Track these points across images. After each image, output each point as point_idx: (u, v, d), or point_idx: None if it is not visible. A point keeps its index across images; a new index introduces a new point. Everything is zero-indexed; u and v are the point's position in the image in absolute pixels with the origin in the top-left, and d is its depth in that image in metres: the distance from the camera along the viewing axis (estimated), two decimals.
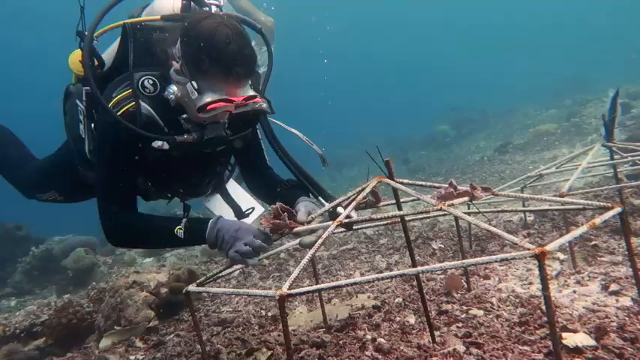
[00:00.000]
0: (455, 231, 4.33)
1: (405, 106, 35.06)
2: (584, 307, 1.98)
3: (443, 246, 3.86)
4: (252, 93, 1.85)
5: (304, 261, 1.58)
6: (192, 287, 1.87)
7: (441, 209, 1.70)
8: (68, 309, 3.53)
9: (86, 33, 1.98)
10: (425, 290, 2.85)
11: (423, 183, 2.02)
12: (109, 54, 2.16)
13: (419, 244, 4.11)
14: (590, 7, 39.23)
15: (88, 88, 2.02)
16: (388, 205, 2.32)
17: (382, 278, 1.44)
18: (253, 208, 2.53)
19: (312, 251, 1.62)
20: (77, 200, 2.65)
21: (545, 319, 1.89)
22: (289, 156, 2.04)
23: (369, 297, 2.97)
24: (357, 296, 3.07)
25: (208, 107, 1.76)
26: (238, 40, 1.76)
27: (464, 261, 1.33)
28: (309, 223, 1.90)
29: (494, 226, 1.60)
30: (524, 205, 3.91)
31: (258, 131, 2.15)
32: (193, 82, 1.76)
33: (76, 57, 2.17)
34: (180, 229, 1.79)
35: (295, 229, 1.85)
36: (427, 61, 45.37)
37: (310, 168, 2.11)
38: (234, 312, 3.40)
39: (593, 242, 2.93)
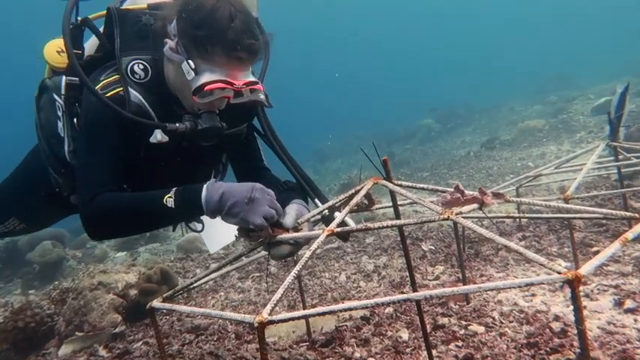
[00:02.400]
0: (445, 231, 4.15)
1: (389, 99, 34.94)
2: (598, 328, 1.78)
3: (434, 248, 3.66)
4: (253, 78, 1.64)
5: (289, 279, 1.34)
6: (156, 303, 1.61)
7: (448, 218, 1.47)
8: (26, 311, 3.21)
9: (63, 20, 1.71)
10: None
11: (425, 186, 1.79)
12: (90, 45, 1.93)
13: (408, 245, 3.90)
14: (573, 4, 39.60)
15: (70, 78, 1.78)
16: (383, 208, 2.09)
17: (382, 304, 1.20)
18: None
19: (298, 266, 1.37)
20: (41, 224, 2.32)
21: (558, 341, 1.69)
22: (287, 153, 1.81)
23: None
24: (342, 302, 2.84)
25: (205, 88, 1.53)
26: (243, 18, 1.56)
27: (480, 285, 1.10)
28: (297, 230, 1.66)
29: (484, 228, 1.39)
30: (519, 209, 3.73)
31: (262, 122, 1.86)
32: (190, 62, 1.54)
33: (52, 47, 1.95)
34: (170, 197, 1.49)
35: (279, 237, 1.60)
36: (412, 53, 45.26)
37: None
38: (210, 317, 3.14)
39: (595, 248, 2.76)
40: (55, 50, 1.94)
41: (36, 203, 2.16)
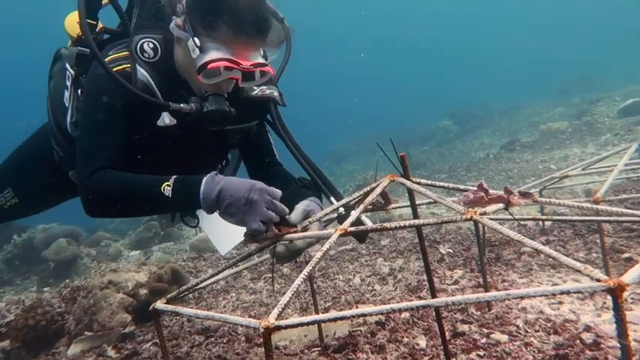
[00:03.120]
0: (464, 234, 4.01)
1: (406, 100, 34.66)
2: (635, 340, 1.64)
3: (452, 251, 3.53)
4: (262, 60, 1.55)
5: (298, 281, 1.24)
6: (160, 304, 1.53)
7: (471, 218, 1.35)
8: (37, 309, 3.18)
9: None
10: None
11: (445, 184, 1.67)
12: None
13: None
14: (594, 5, 38.70)
15: (81, 48, 1.76)
16: (399, 207, 1.99)
17: (400, 310, 1.10)
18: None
19: (308, 268, 1.27)
20: (35, 204, 2.27)
21: (590, 354, 1.56)
22: (300, 150, 1.71)
23: None
24: (357, 307, 2.74)
25: (209, 66, 1.47)
26: None
27: (509, 292, 0.98)
28: (306, 229, 1.56)
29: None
30: (542, 211, 3.57)
31: (275, 119, 1.77)
32: (195, 39, 1.48)
33: (73, 18, 1.92)
34: (168, 185, 1.42)
35: (287, 236, 1.51)
36: (429, 53, 44.86)
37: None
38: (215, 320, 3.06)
39: (626, 254, 2.60)
40: (75, 21, 1.89)
41: (36, 179, 2.12)
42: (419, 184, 1.66)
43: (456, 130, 14.24)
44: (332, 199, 1.69)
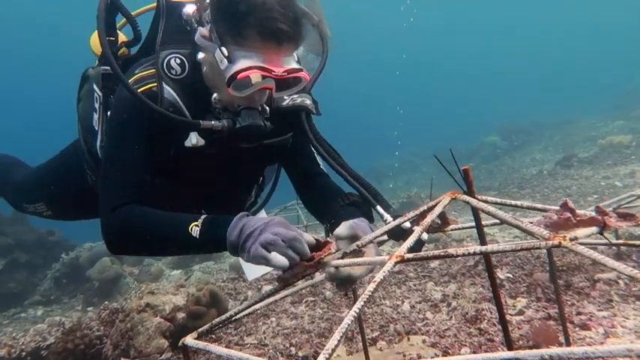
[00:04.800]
0: (524, 257, 3.65)
1: (447, 115, 33.94)
2: None
3: (512, 276, 3.20)
4: (296, 66, 1.40)
5: (347, 320, 1.03)
6: (190, 340, 1.36)
7: (559, 245, 1.09)
8: (76, 332, 3.12)
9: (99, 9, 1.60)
10: (499, 339, 2.23)
11: (519, 203, 1.43)
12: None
13: (480, 272, 3.46)
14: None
15: (107, 67, 1.66)
16: (459, 229, 1.75)
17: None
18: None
19: (359, 303, 1.06)
20: (68, 217, 2.22)
21: None
22: (340, 159, 1.51)
23: (424, 341, 2.37)
24: (408, 338, 2.48)
25: (239, 76, 1.33)
26: None
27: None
28: (359, 253, 1.36)
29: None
30: (616, 233, 3.18)
31: (307, 129, 1.58)
32: (223, 49, 1.35)
33: (96, 36, 1.83)
34: (196, 225, 1.28)
35: (333, 263, 1.30)
36: (472, 68, 43.96)
37: None
38: (260, 345, 2.88)
39: None
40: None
41: (68, 196, 2.06)
42: (486, 202, 1.42)
43: (504, 145, 13.63)
44: (379, 208, 1.47)
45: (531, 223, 1.28)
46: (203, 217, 1.30)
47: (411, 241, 1.23)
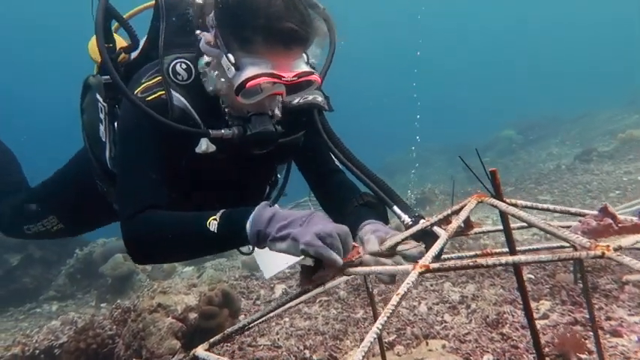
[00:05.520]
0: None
1: (461, 110, 33.50)
2: None
3: (533, 277, 3.09)
4: (307, 68, 1.34)
5: (369, 337, 0.95)
6: (201, 351, 1.30)
7: (603, 255, 1.00)
8: (88, 331, 3.09)
9: (98, 7, 1.53)
10: (523, 346, 2.14)
11: (552, 207, 1.33)
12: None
13: (499, 272, 3.35)
14: None
15: (108, 77, 1.58)
16: (484, 232, 1.66)
17: None
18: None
19: (382, 319, 0.98)
20: (79, 229, 2.19)
21: None
22: (353, 158, 1.46)
23: (444, 346, 2.29)
24: (427, 342, 2.39)
25: (248, 84, 1.27)
26: None
27: None
28: (390, 255, 1.28)
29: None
30: None
31: (319, 127, 1.53)
32: (229, 55, 1.30)
33: (95, 43, 1.76)
34: (214, 219, 1.22)
35: (356, 269, 1.23)
36: (485, 61, 43.31)
37: None
38: (273, 347, 2.82)
39: None
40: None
41: (79, 205, 2.01)
42: (515, 206, 1.33)
43: (519, 140, 13.37)
44: (395, 208, 1.42)
45: (561, 226, 1.20)
46: (222, 211, 1.25)
47: (436, 248, 1.15)
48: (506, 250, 1.46)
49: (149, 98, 1.40)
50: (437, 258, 1.20)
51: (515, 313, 2.52)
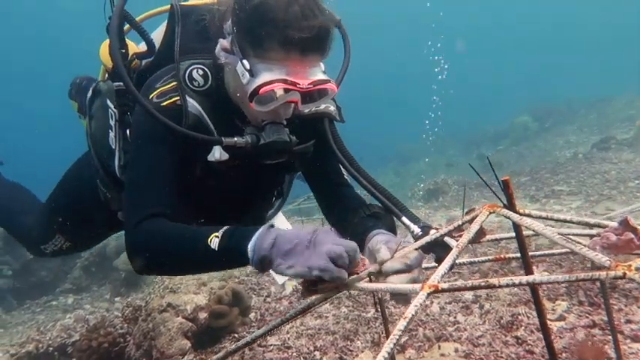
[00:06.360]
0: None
1: (474, 96, 32.96)
2: None
3: (550, 274, 3.00)
4: (323, 77, 1.31)
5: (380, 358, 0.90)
6: None
7: (624, 277, 0.93)
8: (100, 330, 3.12)
9: (111, 17, 1.49)
10: (539, 351, 2.07)
11: (568, 217, 1.25)
12: (157, 37, 1.70)
13: (513, 269, 3.27)
14: None
15: (120, 83, 1.55)
16: (496, 240, 1.61)
17: None
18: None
19: (388, 345, 0.93)
20: (89, 243, 2.19)
21: None
22: (362, 170, 1.43)
23: (456, 350, 2.23)
24: (439, 346, 2.34)
25: (261, 90, 1.24)
26: (304, 3, 1.24)
27: None
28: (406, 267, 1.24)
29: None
30: None
31: (329, 137, 1.50)
32: (244, 61, 1.28)
33: (107, 47, 1.73)
34: (216, 236, 1.18)
35: (360, 284, 1.18)
36: (501, 44, 42.41)
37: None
38: (283, 348, 2.80)
39: None
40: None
41: (80, 219, 1.97)
42: (529, 216, 1.26)
43: (535, 127, 13.11)
44: (406, 220, 1.38)
45: (586, 243, 1.13)
46: (225, 228, 1.20)
47: (445, 266, 1.09)
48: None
49: (164, 103, 1.38)
50: (440, 260, 1.15)
51: (531, 314, 2.45)
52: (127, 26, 1.58)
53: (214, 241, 1.16)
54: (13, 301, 6.37)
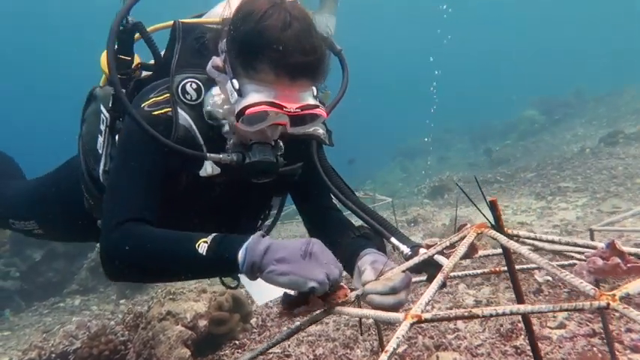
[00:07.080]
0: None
1: (481, 88, 32.65)
2: None
3: (551, 279, 2.96)
4: (312, 102, 1.30)
5: None
6: None
7: (608, 307, 0.90)
8: (101, 337, 3.14)
9: (114, 21, 1.51)
10: None
11: (556, 238, 1.23)
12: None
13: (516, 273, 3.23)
14: None
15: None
16: (488, 256, 1.60)
17: None
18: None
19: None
20: (60, 238, 2.18)
21: None
22: (350, 194, 1.45)
23: None
24: (437, 356, 2.32)
25: (247, 111, 1.24)
26: (299, 27, 1.24)
27: None
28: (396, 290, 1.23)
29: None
30: None
31: (316, 160, 1.51)
32: (234, 81, 1.28)
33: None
34: (204, 241, 1.17)
35: (341, 309, 1.18)
36: (508, 37, 41.88)
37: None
38: (283, 356, 2.80)
39: None
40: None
41: (60, 217, 1.97)
42: (517, 238, 1.25)
43: (542, 120, 12.96)
44: (395, 240, 1.38)
45: (574, 269, 1.11)
46: (214, 234, 1.19)
47: (429, 295, 1.07)
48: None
49: (155, 113, 1.38)
50: (431, 277, 1.12)
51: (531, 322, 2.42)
52: (136, 35, 1.60)
53: (202, 246, 1.15)
54: (21, 302, 6.45)
